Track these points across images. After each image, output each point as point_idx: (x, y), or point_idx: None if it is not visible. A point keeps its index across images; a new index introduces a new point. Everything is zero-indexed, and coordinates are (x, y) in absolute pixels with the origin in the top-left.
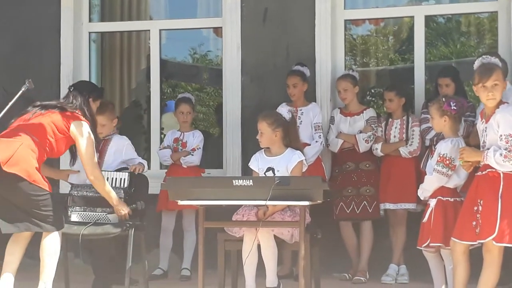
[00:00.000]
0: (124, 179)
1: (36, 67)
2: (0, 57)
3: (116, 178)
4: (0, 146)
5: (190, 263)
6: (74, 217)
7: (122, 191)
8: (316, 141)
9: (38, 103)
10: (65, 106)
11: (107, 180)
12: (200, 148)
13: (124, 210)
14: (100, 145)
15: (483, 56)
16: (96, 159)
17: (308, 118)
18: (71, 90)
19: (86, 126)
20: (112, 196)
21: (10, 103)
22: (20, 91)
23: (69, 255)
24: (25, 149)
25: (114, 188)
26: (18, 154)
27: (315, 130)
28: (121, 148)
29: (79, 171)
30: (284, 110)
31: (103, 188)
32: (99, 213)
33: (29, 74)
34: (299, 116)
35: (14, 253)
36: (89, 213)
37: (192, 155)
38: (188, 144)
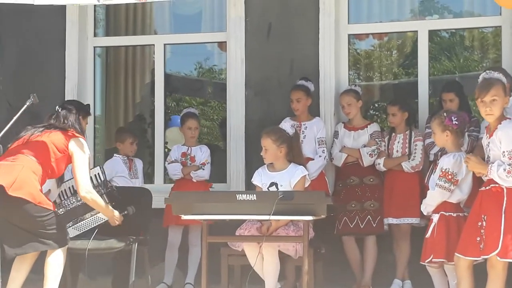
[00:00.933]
0: (98, 173)
1: (41, 81)
2: (6, 71)
3: (91, 177)
4: (2, 170)
5: (193, 278)
6: (72, 233)
7: (102, 188)
8: (320, 156)
9: (31, 126)
10: (61, 125)
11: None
12: (209, 162)
13: (118, 220)
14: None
15: (486, 71)
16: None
17: (312, 133)
18: (60, 110)
19: (84, 143)
20: (108, 209)
21: (15, 118)
22: (25, 106)
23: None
24: (27, 171)
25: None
26: (21, 178)
27: (319, 144)
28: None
29: (49, 189)
30: (287, 125)
31: (98, 204)
32: (90, 218)
33: (34, 88)
34: (302, 131)
35: (21, 270)
36: (81, 222)
37: (203, 169)
38: (197, 158)
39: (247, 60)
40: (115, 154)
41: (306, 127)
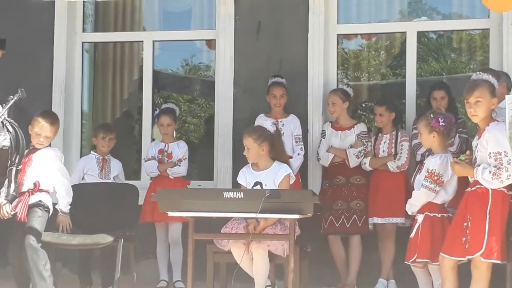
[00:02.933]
0: (5, 139)
1: (28, 76)
2: None
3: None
4: None
5: (181, 275)
6: None
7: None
8: (298, 154)
9: None
10: None
11: None
12: (186, 158)
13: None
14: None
15: (476, 72)
16: None
17: (289, 130)
18: None
19: None
20: None
21: (2, 112)
22: (12, 100)
23: (57, 265)
24: None
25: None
26: None
27: (296, 142)
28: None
29: None
30: (268, 123)
31: None
32: None
33: (22, 83)
34: (280, 128)
35: None
36: None
37: (179, 165)
38: (174, 155)
39: (236, 58)
40: (92, 152)
41: (283, 124)
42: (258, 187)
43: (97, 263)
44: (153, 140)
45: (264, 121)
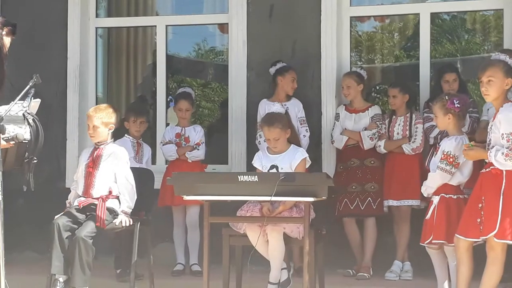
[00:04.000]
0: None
1: (43, 62)
2: (8, 51)
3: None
4: None
5: (197, 259)
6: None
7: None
8: (304, 136)
9: None
10: None
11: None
12: (203, 142)
13: None
14: None
15: (495, 53)
16: None
17: (294, 113)
18: None
19: None
20: None
21: (18, 98)
22: (28, 86)
23: None
24: None
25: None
26: None
27: (301, 124)
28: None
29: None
30: (277, 106)
31: None
32: None
33: (36, 69)
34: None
35: None
36: None
37: (198, 149)
38: (191, 138)
39: (248, 41)
40: (126, 135)
41: (288, 107)
42: (274, 170)
43: (115, 246)
44: (167, 124)
45: (271, 106)
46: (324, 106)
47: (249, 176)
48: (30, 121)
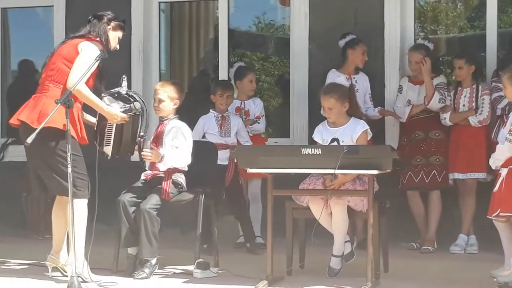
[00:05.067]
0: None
1: None
2: (73, 27)
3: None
4: (28, 105)
5: (260, 231)
6: (107, 151)
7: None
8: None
9: None
10: (77, 34)
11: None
12: (263, 115)
13: (117, 117)
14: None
15: None
16: (85, 76)
17: (362, 87)
18: (92, 19)
19: (96, 44)
20: (99, 104)
21: (85, 72)
22: (94, 61)
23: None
24: (49, 101)
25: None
26: (44, 109)
27: (371, 101)
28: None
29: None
30: (342, 78)
31: (87, 97)
32: (106, 130)
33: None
34: (354, 84)
35: (59, 215)
36: (105, 138)
37: (258, 122)
38: (251, 112)
39: (310, 13)
40: (210, 110)
41: (356, 80)
42: (335, 143)
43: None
44: None
45: (337, 77)
46: (388, 78)
47: (313, 149)
48: (136, 97)
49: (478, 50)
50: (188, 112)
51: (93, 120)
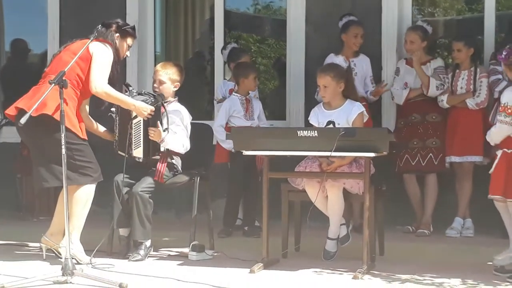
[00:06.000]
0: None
1: (101, 18)
2: (67, 8)
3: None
4: (28, 94)
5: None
6: (137, 154)
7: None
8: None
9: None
10: (89, 36)
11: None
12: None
13: (147, 109)
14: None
15: None
16: (106, 77)
17: (362, 70)
18: (100, 27)
19: (107, 48)
20: (128, 101)
21: (78, 54)
22: (89, 41)
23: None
24: (52, 91)
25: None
26: (45, 98)
27: (371, 83)
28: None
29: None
30: (340, 59)
31: (114, 97)
32: (134, 130)
33: (95, 25)
34: (352, 67)
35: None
36: (133, 140)
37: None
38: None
39: None
40: (234, 93)
41: (355, 63)
42: (331, 126)
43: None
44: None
45: (335, 59)
46: (385, 60)
47: (309, 131)
48: (149, 92)
49: (476, 32)
50: (184, 94)
51: (102, 129)
